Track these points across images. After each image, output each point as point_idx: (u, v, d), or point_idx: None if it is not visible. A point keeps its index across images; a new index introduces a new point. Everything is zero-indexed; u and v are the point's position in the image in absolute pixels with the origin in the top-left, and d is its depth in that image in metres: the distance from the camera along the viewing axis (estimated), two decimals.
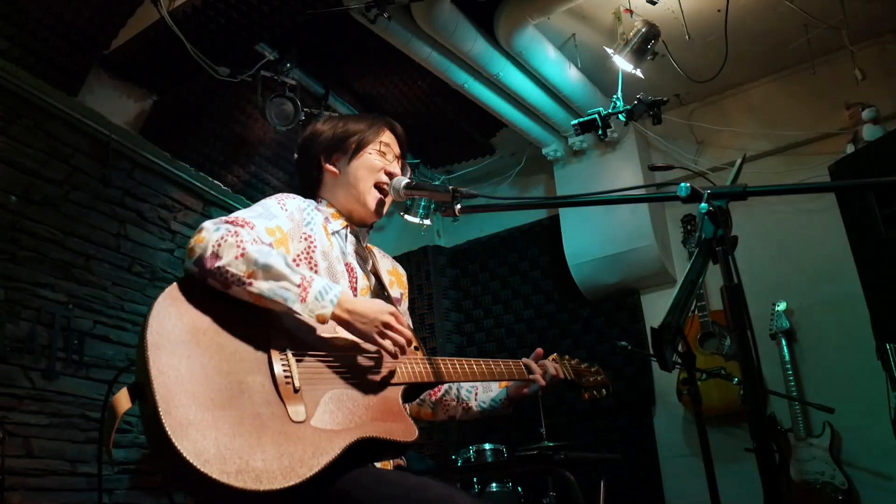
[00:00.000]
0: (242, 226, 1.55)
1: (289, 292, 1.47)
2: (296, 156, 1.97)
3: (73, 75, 3.79)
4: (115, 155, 4.10)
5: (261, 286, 1.46)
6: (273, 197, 1.76)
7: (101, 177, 4.01)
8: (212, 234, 1.50)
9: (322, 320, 1.50)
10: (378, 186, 1.86)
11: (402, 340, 1.58)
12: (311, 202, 1.82)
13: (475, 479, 3.56)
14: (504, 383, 1.97)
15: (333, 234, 1.81)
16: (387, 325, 1.56)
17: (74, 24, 3.59)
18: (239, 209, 1.72)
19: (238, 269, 1.46)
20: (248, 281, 1.46)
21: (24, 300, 3.54)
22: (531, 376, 1.92)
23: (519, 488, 3.67)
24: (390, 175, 1.87)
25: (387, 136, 1.93)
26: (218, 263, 1.46)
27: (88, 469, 3.65)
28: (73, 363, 3.69)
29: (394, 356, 1.59)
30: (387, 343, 1.56)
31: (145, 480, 3.93)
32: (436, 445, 4.96)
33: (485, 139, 5.27)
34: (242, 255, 1.47)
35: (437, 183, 5.25)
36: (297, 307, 1.47)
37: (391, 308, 1.59)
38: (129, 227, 4.17)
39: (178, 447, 1.25)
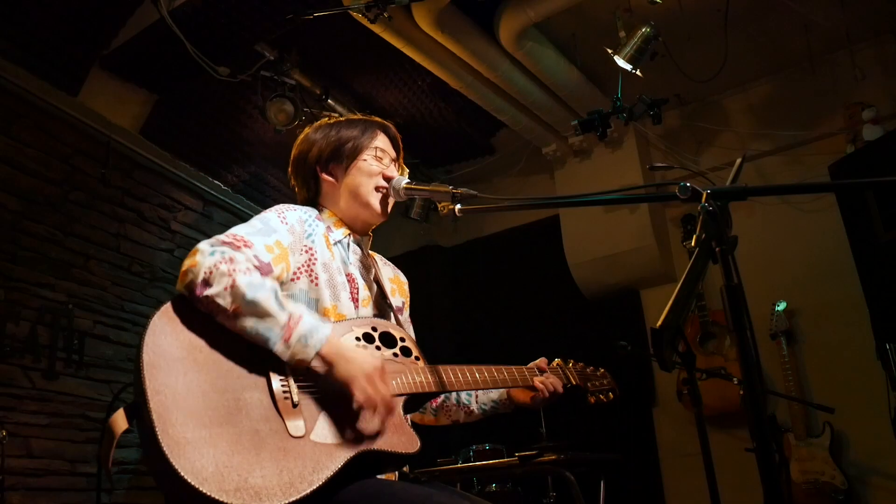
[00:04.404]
0: (239, 248, 1.51)
1: (272, 332, 1.43)
2: (290, 168, 1.93)
3: (73, 75, 3.79)
4: (115, 155, 4.10)
5: (244, 323, 1.43)
6: (273, 209, 1.73)
7: (101, 177, 4.01)
8: (205, 259, 1.45)
9: (302, 365, 1.45)
10: (377, 190, 1.84)
11: (384, 395, 1.48)
12: (312, 212, 1.79)
13: (475, 479, 3.55)
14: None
15: (335, 244, 1.78)
16: (370, 377, 1.48)
17: (74, 24, 3.59)
18: (239, 209, 1.71)
19: (225, 300, 1.42)
20: (232, 315, 1.43)
21: (24, 300, 3.54)
22: (536, 379, 1.89)
23: (519, 488, 3.67)
24: (388, 179, 1.85)
25: (381, 140, 1.90)
26: (206, 292, 1.43)
27: (88, 469, 3.65)
28: (73, 363, 3.70)
29: (371, 409, 1.47)
30: (362, 396, 1.46)
31: (145, 480, 3.93)
32: (436, 445, 4.96)
33: (485, 139, 5.27)
34: (232, 286, 1.43)
35: (436, 183, 5.25)
36: (278, 348, 1.43)
37: (378, 363, 1.52)
38: (129, 226, 4.17)
39: (176, 466, 1.24)
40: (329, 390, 1.52)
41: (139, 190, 4.27)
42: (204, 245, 1.50)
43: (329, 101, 4.30)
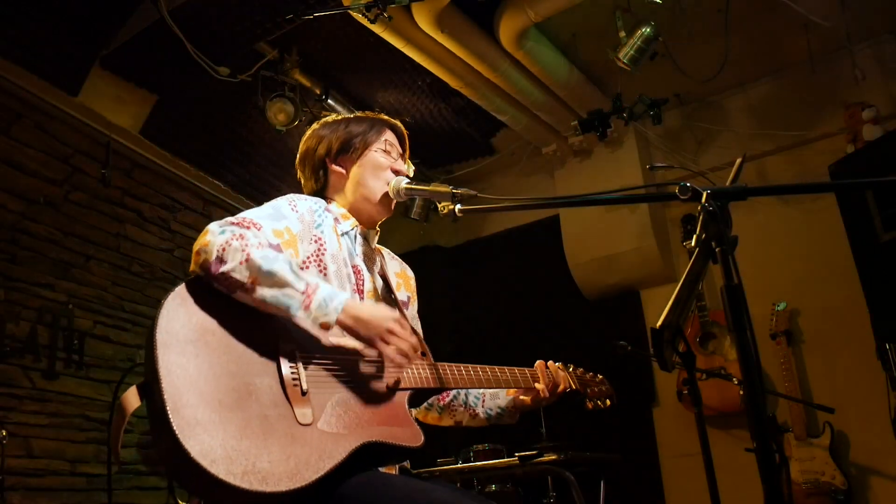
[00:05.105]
0: (248, 227, 1.54)
1: (292, 300, 1.46)
2: (297, 162, 1.95)
3: (73, 75, 3.79)
4: (115, 155, 4.10)
5: (264, 293, 1.45)
6: (284, 197, 1.75)
7: (101, 177, 4.01)
8: (216, 238, 1.48)
9: (325, 328, 1.50)
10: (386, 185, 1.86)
11: (405, 347, 1.56)
12: (321, 202, 1.81)
13: (475, 480, 3.55)
14: (512, 391, 1.95)
15: (343, 235, 1.80)
16: (391, 332, 1.54)
17: (74, 24, 3.59)
18: (239, 209, 1.71)
19: (242, 274, 1.45)
20: (251, 287, 1.45)
21: (24, 300, 3.54)
22: (536, 384, 1.90)
23: (519, 488, 3.66)
24: (397, 172, 1.87)
25: (389, 136, 1.93)
26: (222, 269, 1.45)
27: (88, 469, 3.65)
28: (74, 363, 3.70)
29: (396, 364, 1.57)
30: (389, 349, 1.54)
31: (146, 480, 3.93)
32: (436, 446, 4.96)
33: (485, 139, 5.26)
34: (247, 260, 1.45)
35: (436, 183, 5.25)
36: (300, 315, 1.47)
37: (396, 315, 1.58)
38: (129, 226, 4.17)
39: (186, 447, 1.25)
40: (340, 375, 1.54)
41: (139, 190, 4.27)
42: (213, 226, 1.53)
43: (329, 101, 4.30)
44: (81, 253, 3.86)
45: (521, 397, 1.93)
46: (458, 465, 3.58)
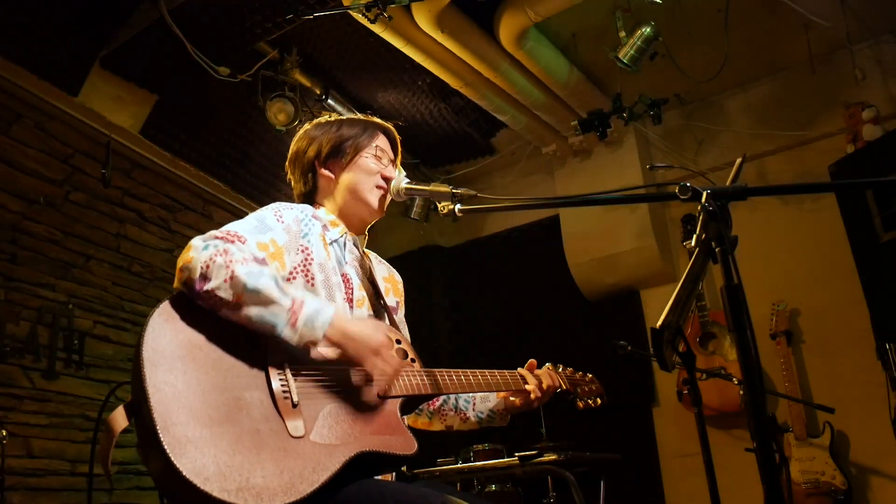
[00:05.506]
0: (233, 241, 1.51)
1: (278, 317, 1.44)
2: (288, 163, 1.94)
3: (73, 75, 3.79)
4: (115, 155, 4.10)
5: (249, 311, 1.43)
6: (269, 207, 1.73)
7: (101, 177, 4.02)
8: (200, 254, 1.46)
9: (312, 345, 1.49)
10: (377, 189, 1.86)
11: (389, 371, 1.58)
12: (308, 209, 1.80)
13: (475, 480, 3.55)
14: (502, 394, 1.95)
15: (332, 243, 1.78)
16: (377, 353, 1.55)
17: (74, 23, 3.59)
18: (239, 209, 1.71)
19: (226, 293, 1.43)
20: (236, 305, 1.43)
21: (24, 300, 3.54)
22: (527, 386, 1.90)
23: (519, 489, 3.66)
24: (387, 179, 1.86)
25: (381, 141, 1.91)
26: (207, 287, 1.43)
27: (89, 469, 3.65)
28: (73, 363, 3.70)
29: (383, 380, 1.58)
30: (375, 371, 1.57)
31: (145, 481, 3.93)
32: (436, 446, 4.96)
33: (485, 139, 5.26)
34: (231, 277, 1.43)
35: (436, 183, 5.24)
36: (286, 333, 1.45)
37: (382, 338, 1.58)
38: (129, 226, 4.17)
39: (178, 465, 1.23)
40: (330, 385, 1.54)
41: (139, 190, 4.27)
42: (197, 241, 1.50)
43: (329, 101, 4.30)
44: (81, 253, 3.86)
45: (511, 399, 1.93)
46: (458, 465, 3.58)
